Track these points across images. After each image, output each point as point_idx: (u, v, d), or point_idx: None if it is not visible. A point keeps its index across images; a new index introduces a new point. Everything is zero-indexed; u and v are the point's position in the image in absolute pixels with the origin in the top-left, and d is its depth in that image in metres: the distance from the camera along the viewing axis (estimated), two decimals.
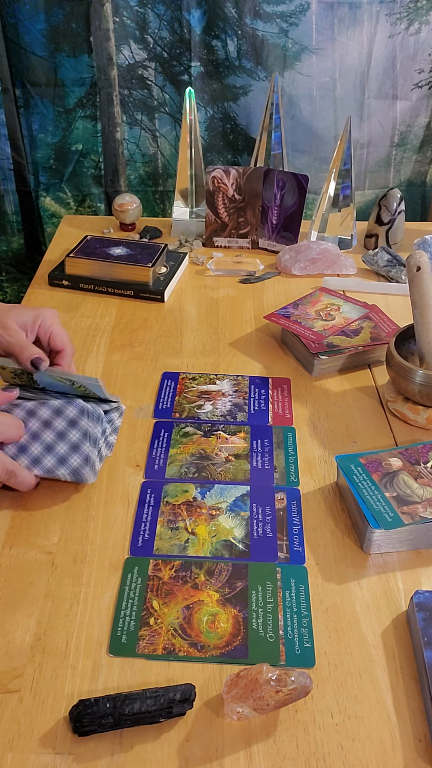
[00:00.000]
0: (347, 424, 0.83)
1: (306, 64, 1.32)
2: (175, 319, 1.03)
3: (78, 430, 0.70)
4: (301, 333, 0.92)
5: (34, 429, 0.70)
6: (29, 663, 0.56)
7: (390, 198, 1.21)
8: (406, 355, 0.85)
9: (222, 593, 0.61)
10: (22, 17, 1.26)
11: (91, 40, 1.29)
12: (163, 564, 0.64)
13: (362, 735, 0.51)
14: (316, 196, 1.33)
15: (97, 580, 0.63)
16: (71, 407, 0.71)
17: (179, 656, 0.56)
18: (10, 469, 0.67)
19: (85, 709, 0.50)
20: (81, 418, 0.71)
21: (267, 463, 0.76)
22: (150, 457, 0.77)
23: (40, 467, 0.69)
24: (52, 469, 0.69)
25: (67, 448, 0.70)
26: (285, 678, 0.51)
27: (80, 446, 0.70)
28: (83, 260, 1.09)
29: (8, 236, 1.51)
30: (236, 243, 1.24)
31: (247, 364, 0.93)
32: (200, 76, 1.34)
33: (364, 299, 1.03)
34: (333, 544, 0.67)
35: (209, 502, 0.71)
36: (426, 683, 0.53)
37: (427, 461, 0.71)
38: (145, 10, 1.27)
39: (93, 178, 1.45)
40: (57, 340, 0.77)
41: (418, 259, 0.79)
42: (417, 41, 1.31)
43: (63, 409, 0.71)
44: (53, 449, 0.69)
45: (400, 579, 0.63)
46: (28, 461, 0.69)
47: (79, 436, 0.70)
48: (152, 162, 1.44)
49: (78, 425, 0.71)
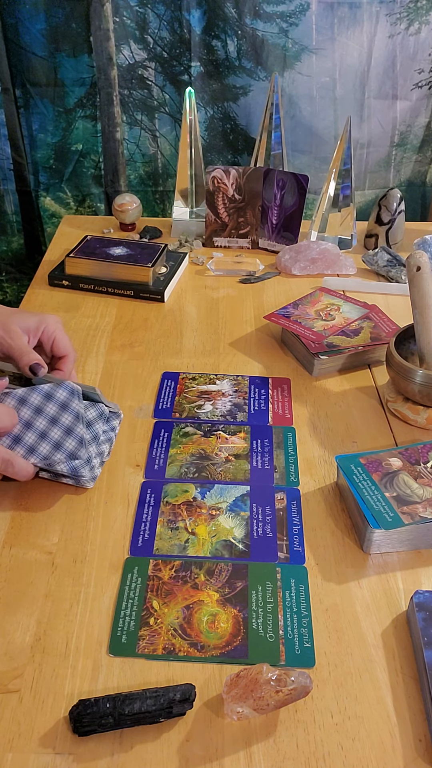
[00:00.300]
0: (347, 424, 0.83)
1: (306, 64, 1.32)
2: (175, 319, 1.03)
3: (70, 412, 0.70)
4: (301, 333, 0.92)
5: (26, 417, 0.70)
6: (29, 663, 0.56)
7: (390, 198, 1.21)
8: (406, 355, 0.85)
9: (222, 593, 0.61)
10: (22, 17, 1.26)
11: (91, 40, 1.29)
12: (163, 564, 0.64)
13: (362, 735, 0.51)
14: (316, 196, 1.33)
15: (97, 580, 0.63)
16: (61, 389, 0.71)
17: (179, 656, 0.56)
18: (6, 458, 0.66)
19: (85, 709, 0.50)
20: (72, 399, 0.71)
21: (267, 463, 0.76)
22: (150, 457, 0.77)
23: (36, 455, 0.69)
24: (48, 456, 0.69)
25: (61, 432, 0.70)
26: (285, 678, 0.51)
27: (73, 429, 0.70)
28: (83, 260, 1.09)
29: (8, 236, 1.51)
30: (236, 243, 1.24)
31: (247, 364, 0.93)
32: (200, 76, 1.34)
33: (364, 299, 1.03)
34: (333, 544, 0.67)
35: (209, 502, 0.71)
36: (426, 683, 0.53)
37: (427, 461, 0.71)
38: (145, 10, 1.27)
39: (93, 178, 1.45)
40: (60, 345, 0.78)
41: (418, 259, 0.79)
42: (417, 41, 1.31)
43: (53, 392, 0.71)
44: (47, 435, 0.69)
45: (400, 579, 0.63)
46: (23, 451, 0.69)
47: (71, 419, 0.70)
48: (152, 162, 1.44)
49: (69, 407, 0.71)
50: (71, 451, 0.69)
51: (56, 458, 0.69)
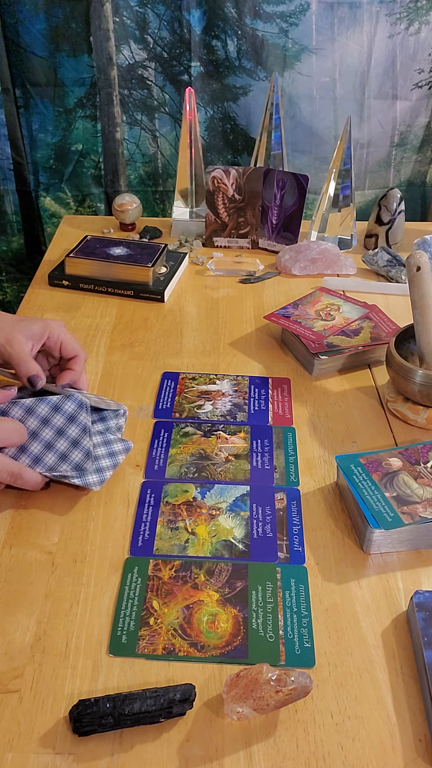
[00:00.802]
0: (347, 424, 0.83)
1: (306, 64, 1.32)
2: (175, 319, 1.03)
3: (77, 425, 0.70)
4: (301, 333, 0.92)
5: (33, 427, 0.70)
6: (29, 663, 0.56)
7: (390, 198, 1.21)
8: (406, 355, 0.85)
9: (222, 593, 0.61)
10: (22, 17, 1.26)
11: (91, 40, 1.29)
12: (163, 564, 0.64)
13: (362, 735, 0.51)
14: (316, 196, 1.33)
15: (97, 580, 0.63)
16: (69, 402, 0.72)
17: (179, 656, 0.56)
18: (14, 471, 0.67)
19: (85, 709, 0.50)
20: (80, 412, 0.71)
21: (267, 463, 0.76)
22: (150, 457, 0.77)
23: (41, 465, 0.69)
24: (54, 467, 0.69)
25: (67, 444, 0.70)
26: (285, 678, 0.51)
27: (80, 441, 0.70)
28: (83, 260, 1.09)
29: (8, 236, 1.51)
30: (236, 243, 1.24)
31: (247, 364, 0.93)
32: (200, 76, 1.34)
33: (364, 299, 1.03)
34: (333, 544, 0.67)
35: (209, 502, 0.71)
36: (426, 683, 0.53)
37: (427, 461, 0.71)
38: (145, 10, 1.27)
39: (93, 178, 1.45)
40: (68, 347, 0.78)
41: (418, 259, 0.79)
42: (417, 41, 1.31)
43: (61, 404, 0.71)
44: (53, 446, 0.70)
45: (400, 579, 0.63)
46: (29, 460, 0.69)
47: (78, 431, 0.70)
48: (152, 162, 1.44)
49: (77, 420, 0.71)
50: (77, 462, 0.69)
51: (62, 469, 0.69)
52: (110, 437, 0.74)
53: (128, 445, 0.74)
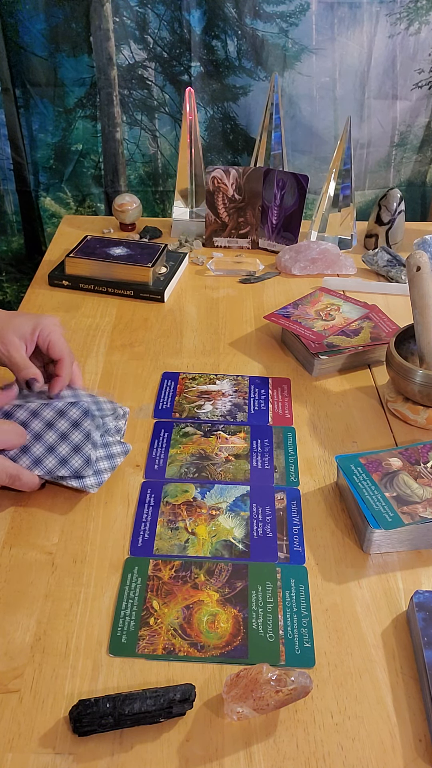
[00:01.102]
0: (347, 424, 0.83)
1: (306, 64, 1.32)
2: (175, 319, 1.03)
3: (81, 431, 0.71)
4: (301, 333, 0.92)
5: (36, 430, 0.71)
6: (29, 663, 0.56)
7: (390, 198, 1.21)
8: (406, 355, 0.85)
9: (222, 593, 0.61)
10: (22, 17, 1.26)
11: (91, 40, 1.29)
12: (163, 564, 0.64)
13: (362, 735, 0.51)
14: (316, 196, 1.33)
15: (97, 580, 0.63)
16: (75, 408, 0.72)
17: (179, 656, 0.56)
18: (13, 473, 0.67)
19: (85, 709, 0.50)
20: (84, 419, 0.71)
21: (267, 463, 0.76)
22: (150, 457, 0.77)
23: (40, 468, 0.69)
24: (53, 470, 0.69)
25: (69, 449, 0.70)
26: (285, 678, 0.51)
27: (82, 448, 0.70)
28: (83, 260, 1.09)
29: (8, 236, 1.51)
30: (236, 243, 1.24)
31: (247, 364, 0.93)
32: (200, 76, 1.34)
33: (364, 299, 1.03)
34: (333, 544, 0.67)
35: (209, 502, 0.71)
36: (426, 683, 0.53)
37: (427, 461, 0.71)
38: (145, 10, 1.27)
39: (93, 178, 1.45)
40: (55, 349, 0.77)
41: (418, 259, 0.79)
42: (417, 41, 1.31)
43: (66, 410, 0.72)
44: (55, 450, 0.70)
45: (400, 579, 0.63)
46: (29, 462, 0.69)
47: (81, 438, 0.70)
48: (152, 162, 1.44)
49: (81, 427, 0.71)
50: (76, 468, 0.69)
51: (60, 473, 0.69)
52: (109, 439, 0.74)
53: (127, 448, 0.74)
